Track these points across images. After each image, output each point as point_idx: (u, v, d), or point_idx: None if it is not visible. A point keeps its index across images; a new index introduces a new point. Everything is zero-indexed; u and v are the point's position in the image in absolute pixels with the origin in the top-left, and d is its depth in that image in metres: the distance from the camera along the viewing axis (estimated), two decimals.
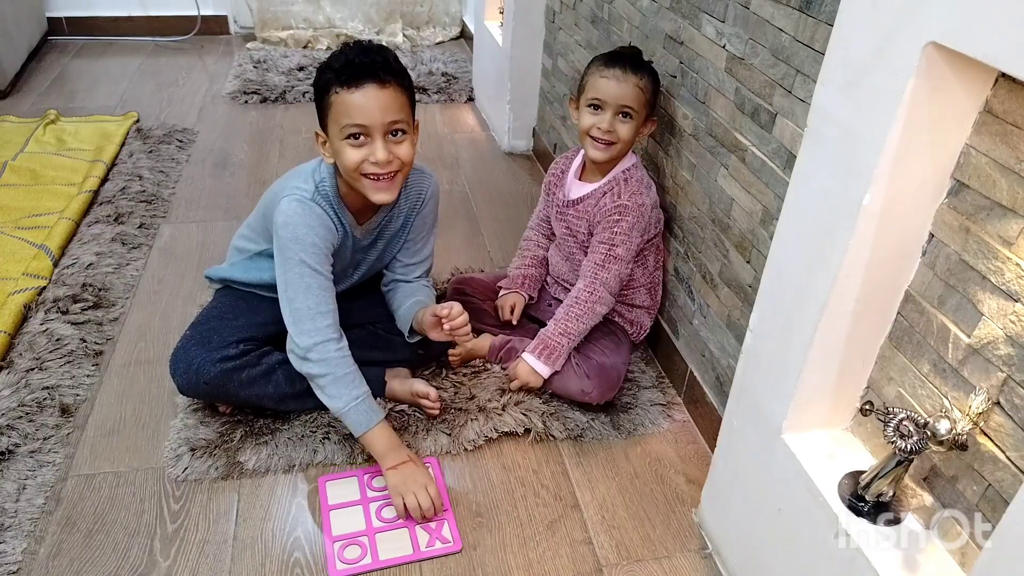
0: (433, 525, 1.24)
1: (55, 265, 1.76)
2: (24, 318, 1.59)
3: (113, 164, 2.26)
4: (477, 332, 1.54)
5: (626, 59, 1.43)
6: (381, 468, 1.26)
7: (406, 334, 1.44)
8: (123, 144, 2.39)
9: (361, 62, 1.20)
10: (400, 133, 1.24)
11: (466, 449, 1.38)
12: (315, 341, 1.25)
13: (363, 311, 1.50)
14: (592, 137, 1.44)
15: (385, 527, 1.23)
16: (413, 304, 1.43)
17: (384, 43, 3.45)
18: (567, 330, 1.44)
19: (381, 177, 1.24)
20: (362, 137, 1.21)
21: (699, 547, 1.24)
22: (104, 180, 2.16)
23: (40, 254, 1.77)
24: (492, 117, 2.75)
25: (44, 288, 1.69)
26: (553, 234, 1.65)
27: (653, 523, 1.28)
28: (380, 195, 1.26)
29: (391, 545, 1.20)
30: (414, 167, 1.37)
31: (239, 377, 1.32)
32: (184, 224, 2.04)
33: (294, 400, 1.37)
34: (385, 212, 1.39)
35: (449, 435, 1.39)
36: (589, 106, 1.44)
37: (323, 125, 1.27)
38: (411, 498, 1.22)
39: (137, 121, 2.58)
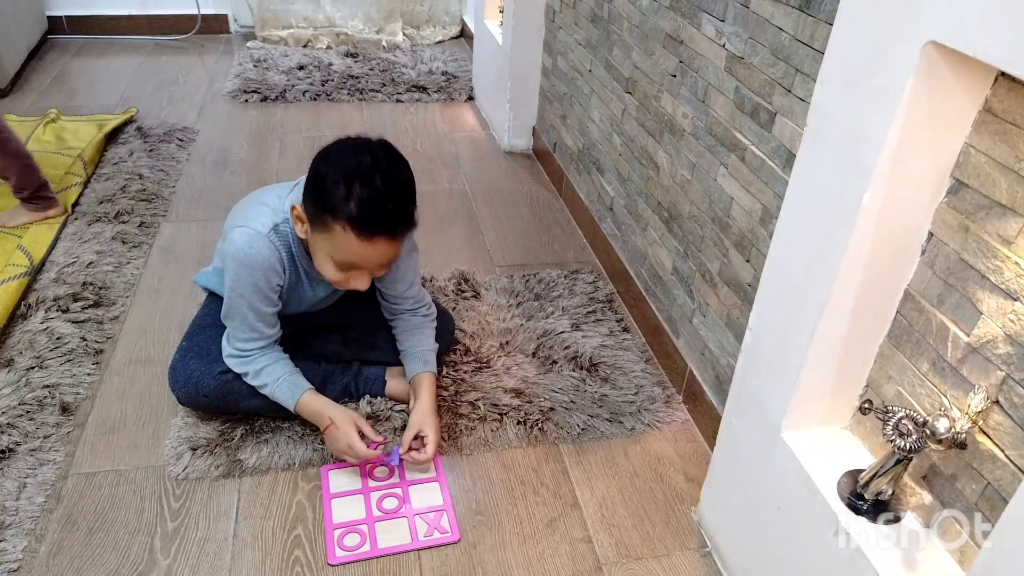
0: (432, 516, 1.25)
1: (27, 255, 1.76)
2: (21, 316, 1.59)
3: (105, 160, 2.27)
4: None
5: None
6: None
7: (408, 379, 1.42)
8: (120, 141, 2.39)
9: (382, 214, 1.11)
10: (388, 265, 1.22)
11: (467, 455, 1.38)
12: (238, 357, 1.31)
13: (362, 313, 1.50)
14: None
15: (385, 516, 1.25)
16: (415, 358, 1.40)
17: (384, 42, 3.47)
18: None
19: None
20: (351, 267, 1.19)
21: (698, 545, 1.24)
22: (92, 173, 2.17)
23: (16, 251, 1.77)
24: (492, 116, 2.75)
25: (27, 273, 1.69)
26: None
27: (652, 521, 1.28)
28: (336, 289, 1.29)
29: (390, 534, 1.22)
30: None
31: (238, 388, 1.32)
32: (184, 223, 2.04)
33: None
34: None
35: (448, 439, 1.39)
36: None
37: (311, 212, 1.15)
38: (345, 458, 1.28)
39: (134, 117, 2.58)
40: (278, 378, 1.30)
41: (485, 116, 2.85)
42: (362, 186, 1.10)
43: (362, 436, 1.27)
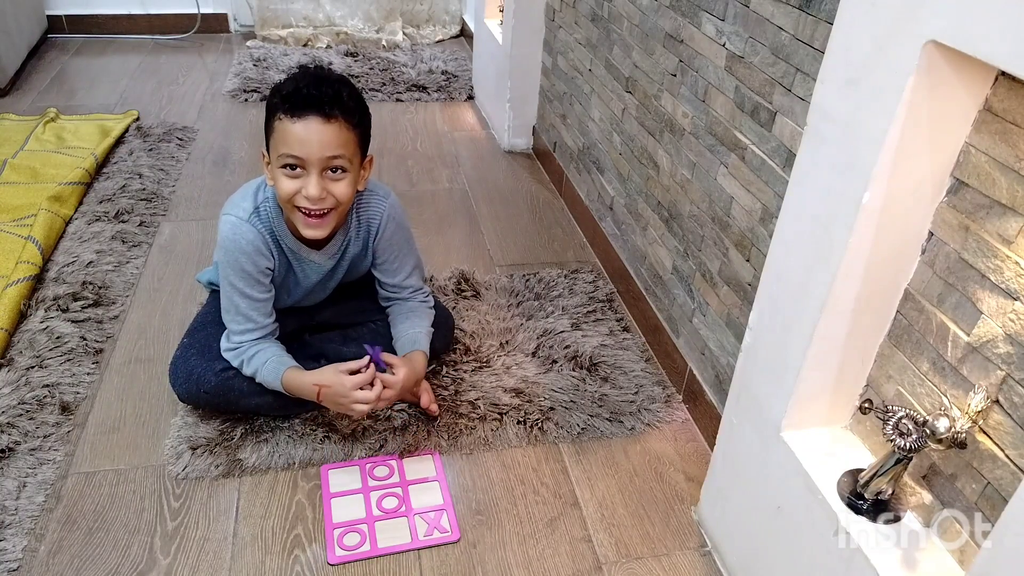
0: (432, 515, 1.25)
1: (43, 254, 1.75)
2: (22, 315, 1.59)
3: (106, 160, 2.26)
4: None
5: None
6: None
7: None
8: (120, 141, 2.39)
9: (309, 93, 1.16)
10: (339, 171, 1.21)
11: (467, 454, 1.38)
12: (233, 349, 1.32)
13: (361, 309, 1.50)
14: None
15: (384, 516, 1.25)
16: (406, 341, 1.40)
17: (384, 41, 3.47)
18: None
19: (312, 213, 1.21)
20: (298, 169, 1.19)
21: (698, 545, 1.24)
22: (95, 175, 2.16)
23: (28, 244, 1.76)
24: (492, 115, 2.75)
25: (37, 275, 1.69)
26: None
27: (652, 521, 1.28)
28: (311, 231, 1.24)
29: (390, 533, 1.22)
30: (368, 188, 1.35)
31: (239, 386, 1.32)
32: (184, 222, 2.04)
33: (295, 406, 1.36)
34: (342, 235, 1.36)
35: (447, 438, 1.39)
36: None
37: (268, 147, 1.24)
38: (350, 413, 1.29)
39: (137, 119, 2.58)
40: (265, 361, 1.29)
41: (485, 115, 2.85)
42: (290, 80, 1.20)
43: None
